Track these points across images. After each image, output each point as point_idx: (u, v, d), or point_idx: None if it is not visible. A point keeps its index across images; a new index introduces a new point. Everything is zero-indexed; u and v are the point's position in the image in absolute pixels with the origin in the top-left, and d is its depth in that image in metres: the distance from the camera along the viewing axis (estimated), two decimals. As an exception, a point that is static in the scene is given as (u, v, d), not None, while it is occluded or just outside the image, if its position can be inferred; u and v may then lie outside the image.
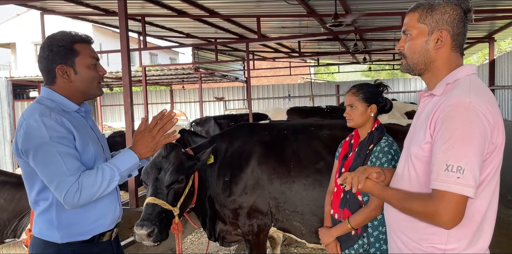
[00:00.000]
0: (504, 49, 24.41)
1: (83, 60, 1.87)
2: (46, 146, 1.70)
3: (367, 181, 1.65)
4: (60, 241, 1.82)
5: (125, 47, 4.18)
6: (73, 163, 1.72)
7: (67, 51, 1.84)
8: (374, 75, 27.87)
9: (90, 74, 1.89)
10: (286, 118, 9.15)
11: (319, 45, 12.77)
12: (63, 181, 1.68)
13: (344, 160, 2.42)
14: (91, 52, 1.91)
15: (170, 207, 2.79)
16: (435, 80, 1.59)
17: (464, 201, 1.37)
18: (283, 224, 3.20)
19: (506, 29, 9.17)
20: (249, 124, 4.11)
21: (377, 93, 2.43)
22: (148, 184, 2.86)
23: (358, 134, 2.45)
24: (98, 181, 1.72)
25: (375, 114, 2.40)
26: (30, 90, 19.37)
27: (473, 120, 1.38)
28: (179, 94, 21.72)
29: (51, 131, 1.72)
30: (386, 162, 2.23)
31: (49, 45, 1.86)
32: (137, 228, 2.65)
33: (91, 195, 1.71)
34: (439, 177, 1.38)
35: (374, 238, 2.26)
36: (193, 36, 10.76)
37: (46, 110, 1.78)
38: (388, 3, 7.14)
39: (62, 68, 1.85)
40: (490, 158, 1.44)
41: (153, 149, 1.86)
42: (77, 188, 1.68)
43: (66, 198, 1.68)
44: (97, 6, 7.38)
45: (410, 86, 19.03)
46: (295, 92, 20.22)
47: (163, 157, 2.87)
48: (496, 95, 9.17)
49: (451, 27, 1.53)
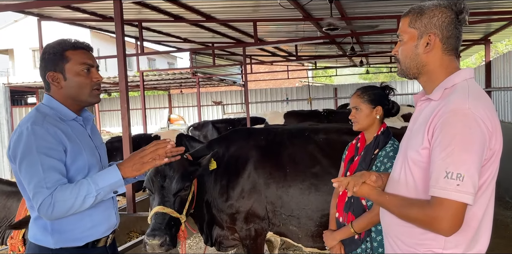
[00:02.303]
0: (501, 50, 24.49)
1: (73, 66, 1.87)
2: (30, 156, 1.71)
3: (364, 185, 1.64)
4: (54, 246, 1.83)
5: (122, 52, 4.20)
6: (53, 175, 1.72)
7: (56, 58, 1.86)
8: (371, 78, 27.94)
9: (80, 80, 1.88)
10: (284, 122, 9.17)
11: (316, 48, 12.80)
12: (39, 193, 1.69)
13: (350, 164, 2.40)
14: (82, 59, 1.89)
15: (178, 215, 2.78)
16: (431, 83, 1.59)
17: (463, 208, 1.36)
18: (280, 229, 3.20)
19: (502, 31, 9.21)
20: (245, 128, 4.12)
21: (382, 96, 2.40)
22: (154, 192, 2.82)
23: (364, 137, 2.42)
24: (73, 197, 1.70)
25: (381, 117, 2.36)
26: (28, 96, 19.39)
27: (472, 126, 1.37)
28: (177, 98, 21.74)
29: (40, 141, 1.72)
30: (390, 167, 2.18)
31: (43, 53, 1.89)
32: (148, 238, 2.63)
33: (65, 210, 1.70)
34: (439, 184, 1.37)
35: (377, 243, 2.25)
36: (191, 40, 10.78)
37: (40, 119, 1.79)
38: (383, 7, 7.17)
39: (52, 75, 1.87)
40: (488, 164, 1.44)
41: (138, 169, 1.81)
42: (50, 202, 1.68)
43: (40, 210, 1.69)
44: (94, 12, 7.40)
45: (408, 88, 19.09)
46: (293, 96, 20.25)
47: (166, 165, 2.82)
48: (492, 96, 9.19)
49: (439, 30, 1.53)
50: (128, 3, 6.49)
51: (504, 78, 8.25)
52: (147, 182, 2.84)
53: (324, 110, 9.70)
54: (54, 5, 6.11)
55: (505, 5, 7.16)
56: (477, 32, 9.67)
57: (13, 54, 25.91)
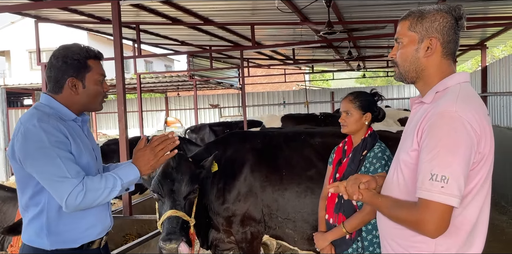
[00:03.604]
0: (497, 56, 24.64)
1: (93, 76, 1.93)
2: (46, 150, 1.72)
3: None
4: (49, 248, 1.83)
5: (119, 55, 4.19)
6: (73, 167, 1.75)
7: (80, 65, 1.90)
8: (369, 82, 28.02)
9: (97, 90, 1.96)
10: (281, 125, 9.18)
11: (314, 52, 12.83)
12: (66, 183, 1.70)
13: (338, 166, 2.46)
14: (101, 70, 1.98)
15: (189, 218, 2.77)
16: (427, 88, 1.59)
17: (448, 211, 1.37)
18: (276, 232, 3.20)
19: (498, 36, 9.25)
20: (242, 131, 4.12)
21: (372, 102, 2.49)
22: (164, 196, 2.78)
23: (351, 140, 2.50)
24: (102, 187, 1.75)
25: (369, 122, 2.45)
26: (24, 98, 19.33)
27: (459, 129, 1.38)
28: (174, 101, 21.72)
29: (50, 136, 1.74)
30: (380, 167, 2.26)
31: (64, 56, 1.90)
32: (165, 243, 2.59)
33: (93, 199, 1.73)
34: (424, 185, 1.38)
35: (368, 242, 2.29)
36: (188, 43, 10.79)
37: (44, 116, 1.81)
38: (380, 12, 7.21)
39: (72, 80, 1.90)
40: (477, 167, 1.44)
41: (153, 167, 1.90)
42: (82, 189, 1.70)
43: (69, 199, 1.69)
44: (92, 14, 7.39)
45: (404, 93, 19.14)
46: (290, 99, 20.27)
47: (173, 168, 2.82)
48: (488, 101, 9.23)
49: (441, 34, 1.53)
50: (126, 6, 6.49)
51: (500, 83, 8.29)
52: (156, 186, 2.80)
53: (321, 114, 9.72)
54: (52, 6, 6.09)
55: (501, 10, 7.21)
56: (473, 37, 9.72)
57: (10, 55, 25.84)
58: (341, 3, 6.56)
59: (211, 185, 3.22)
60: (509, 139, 6.68)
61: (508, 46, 25.55)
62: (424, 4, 5.66)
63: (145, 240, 3.66)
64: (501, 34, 9.04)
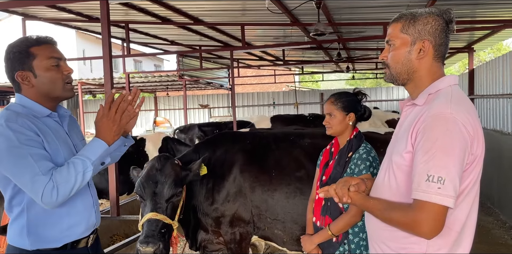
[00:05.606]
0: (484, 59, 24.99)
1: (40, 62, 1.82)
2: (16, 149, 1.67)
3: (349, 192, 1.64)
4: (30, 248, 1.79)
5: (107, 54, 4.16)
6: (45, 163, 1.70)
7: (22, 56, 1.81)
8: (358, 83, 28.19)
9: (51, 75, 1.85)
10: (270, 126, 9.19)
11: (303, 53, 12.87)
12: (37, 182, 1.65)
13: (325, 168, 2.46)
14: (49, 53, 1.85)
15: (171, 221, 2.74)
16: (418, 90, 1.60)
17: (444, 212, 1.38)
18: (265, 232, 3.19)
19: (485, 39, 9.38)
20: (231, 132, 4.11)
21: (355, 102, 2.47)
22: (146, 198, 2.76)
23: (338, 142, 2.49)
24: (72, 176, 1.70)
25: (354, 122, 2.44)
26: (10, 97, 19.04)
27: (454, 130, 1.39)
28: (164, 101, 21.60)
29: (18, 135, 1.69)
30: (364, 169, 2.26)
31: (7, 52, 1.83)
32: (142, 246, 2.58)
33: (69, 189, 1.69)
34: (420, 187, 1.38)
35: (355, 245, 2.28)
36: (178, 43, 10.74)
37: (13, 115, 1.75)
38: (370, 14, 7.25)
39: (21, 74, 1.82)
40: (470, 168, 1.45)
41: (117, 132, 1.84)
42: (53, 186, 1.65)
43: (44, 198, 1.65)
44: (80, 13, 7.32)
45: (393, 94, 19.29)
46: (280, 100, 20.29)
47: (158, 170, 2.80)
48: (475, 104, 9.34)
49: (433, 37, 1.55)
50: (115, 4, 6.43)
51: (487, 86, 8.39)
52: (138, 188, 2.78)
53: (310, 115, 9.76)
54: (40, 4, 6.02)
55: (488, 14, 7.31)
56: (461, 40, 9.84)
57: (-4, 53, 25.48)
58: (330, 5, 6.59)
59: (200, 186, 3.20)
60: (495, 141, 6.77)
61: (495, 49, 25.93)
62: (413, 7, 5.71)
63: (133, 241, 3.64)
64: (488, 38, 9.16)
